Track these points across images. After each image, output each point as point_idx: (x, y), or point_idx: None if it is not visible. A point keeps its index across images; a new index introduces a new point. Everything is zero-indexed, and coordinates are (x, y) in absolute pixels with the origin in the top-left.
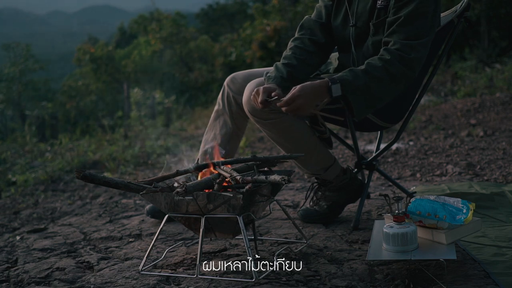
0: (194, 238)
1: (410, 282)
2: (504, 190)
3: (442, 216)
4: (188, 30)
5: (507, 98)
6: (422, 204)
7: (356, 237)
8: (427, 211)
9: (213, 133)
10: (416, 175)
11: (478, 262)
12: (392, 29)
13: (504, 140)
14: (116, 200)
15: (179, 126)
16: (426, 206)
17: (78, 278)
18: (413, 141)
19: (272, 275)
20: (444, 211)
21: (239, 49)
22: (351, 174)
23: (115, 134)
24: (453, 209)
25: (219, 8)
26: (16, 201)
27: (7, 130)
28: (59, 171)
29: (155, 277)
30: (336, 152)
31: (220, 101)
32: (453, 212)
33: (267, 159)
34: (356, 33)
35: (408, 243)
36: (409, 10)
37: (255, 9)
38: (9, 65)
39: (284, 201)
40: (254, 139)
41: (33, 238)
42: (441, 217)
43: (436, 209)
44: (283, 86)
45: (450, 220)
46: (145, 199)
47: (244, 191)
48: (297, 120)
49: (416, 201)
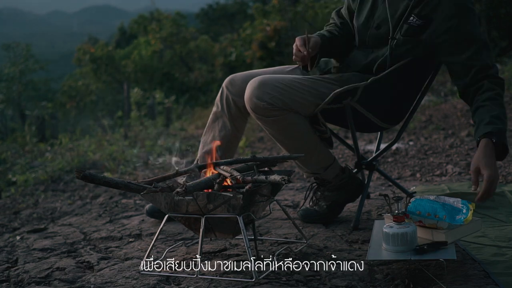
0: (194, 238)
1: (410, 282)
2: (504, 190)
3: (442, 216)
4: (188, 30)
5: (507, 98)
6: (422, 204)
7: (356, 237)
8: (427, 211)
9: (212, 134)
10: (416, 175)
11: (478, 262)
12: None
13: None
14: (116, 200)
15: (179, 126)
16: (426, 206)
17: (78, 278)
18: (413, 141)
19: (272, 275)
20: (444, 211)
21: (239, 49)
22: (350, 173)
23: (115, 134)
24: (453, 209)
25: (219, 8)
26: (16, 201)
27: (7, 130)
28: (59, 171)
29: (155, 277)
30: (336, 152)
31: (219, 103)
32: (453, 212)
33: (266, 159)
34: (378, 37)
35: (408, 243)
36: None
37: (255, 9)
38: (9, 65)
39: (284, 201)
40: (254, 139)
41: (33, 238)
42: (441, 217)
43: (436, 209)
44: (323, 42)
45: (450, 220)
46: (145, 199)
47: (244, 191)
48: (298, 118)
49: (416, 201)
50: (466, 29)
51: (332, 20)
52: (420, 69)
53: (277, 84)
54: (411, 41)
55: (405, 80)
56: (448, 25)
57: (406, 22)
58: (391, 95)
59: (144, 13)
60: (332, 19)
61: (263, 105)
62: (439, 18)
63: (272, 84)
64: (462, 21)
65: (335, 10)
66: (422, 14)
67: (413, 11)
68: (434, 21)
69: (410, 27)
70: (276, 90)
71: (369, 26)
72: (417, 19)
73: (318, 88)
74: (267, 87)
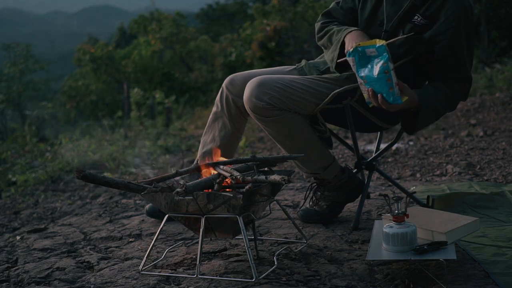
0: (194, 238)
1: (410, 282)
2: (504, 190)
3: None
4: (188, 30)
5: (507, 98)
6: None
7: (356, 237)
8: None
9: (212, 134)
10: (416, 175)
11: (478, 262)
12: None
13: (504, 140)
14: (116, 200)
15: (179, 126)
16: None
17: (78, 278)
18: (413, 141)
19: (272, 275)
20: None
21: (239, 49)
22: (350, 173)
23: (115, 134)
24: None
25: (219, 8)
26: (16, 201)
27: (7, 130)
28: (59, 171)
29: (155, 277)
30: (336, 152)
31: (219, 103)
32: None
33: (266, 159)
34: (385, 37)
35: (408, 243)
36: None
37: (255, 9)
38: (9, 65)
39: (284, 201)
40: (254, 139)
41: (33, 238)
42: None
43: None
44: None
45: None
46: (145, 199)
47: (244, 191)
48: (298, 118)
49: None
50: (463, 35)
51: (328, 19)
52: (420, 68)
53: (276, 84)
54: (412, 40)
55: (405, 80)
56: (448, 26)
57: (410, 21)
58: None
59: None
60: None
61: (262, 105)
62: (442, 18)
63: (271, 84)
64: (462, 24)
65: (324, 13)
66: (427, 13)
67: (417, 11)
68: (438, 20)
69: (414, 26)
70: (275, 90)
71: (372, 24)
72: (422, 19)
73: (317, 88)
74: (266, 87)
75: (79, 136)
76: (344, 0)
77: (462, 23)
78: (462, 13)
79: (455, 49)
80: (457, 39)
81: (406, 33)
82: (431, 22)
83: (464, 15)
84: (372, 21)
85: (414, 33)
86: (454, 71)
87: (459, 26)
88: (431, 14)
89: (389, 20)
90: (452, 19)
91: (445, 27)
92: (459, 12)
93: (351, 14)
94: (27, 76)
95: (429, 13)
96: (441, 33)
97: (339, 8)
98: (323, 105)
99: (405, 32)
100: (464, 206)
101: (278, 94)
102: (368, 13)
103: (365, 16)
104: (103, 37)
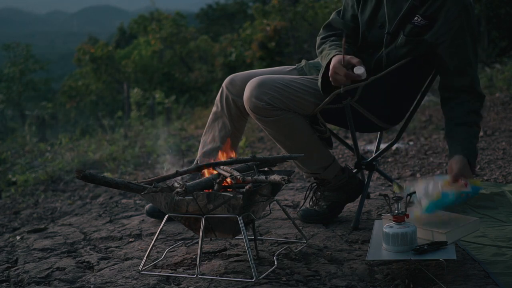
0: (194, 238)
1: (410, 282)
2: (504, 190)
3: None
4: (188, 30)
5: (507, 98)
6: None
7: (356, 237)
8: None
9: (212, 134)
10: (416, 175)
11: (478, 262)
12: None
13: (504, 140)
14: (116, 200)
15: (179, 126)
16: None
17: (78, 278)
18: (413, 141)
19: (272, 275)
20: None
21: (239, 49)
22: (349, 173)
23: (115, 134)
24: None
25: (219, 8)
26: (16, 201)
27: (7, 130)
28: (59, 171)
29: (155, 277)
30: (336, 152)
31: (219, 103)
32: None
33: (266, 159)
34: (381, 36)
35: (408, 243)
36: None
37: (255, 9)
38: (9, 65)
39: (284, 201)
40: (254, 139)
41: (33, 238)
42: None
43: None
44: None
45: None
46: (145, 199)
47: (244, 191)
48: (298, 118)
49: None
50: (466, 34)
51: (330, 33)
52: (420, 69)
53: (276, 84)
54: (414, 41)
55: (405, 80)
56: (450, 26)
57: (410, 22)
58: (391, 95)
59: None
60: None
61: (262, 105)
62: (443, 18)
63: (271, 84)
64: (464, 23)
65: (329, 22)
66: (427, 14)
67: (417, 11)
68: (438, 21)
69: (414, 27)
70: (275, 90)
71: (372, 26)
72: (422, 19)
73: (317, 88)
74: (266, 87)
75: (79, 136)
76: (344, 9)
77: (464, 21)
78: (463, 12)
79: (460, 49)
80: (461, 38)
81: (406, 34)
82: (431, 23)
83: (465, 13)
84: (373, 24)
85: (415, 34)
86: (465, 89)
87: (462, 25)
88: (431, 15)
89: (391, 22)
90: (453, 19)
91: (447, 28)
92: (459, 11)
93: (353, 22)
94: (27, 76)
95: (429, 13)
96: (444, 34)
97: (339, 18)
98: (323, 105)
99: (405, 33)
100: (464, 206)
101: (278, 94)
102: (368, 15)
103: (365, 19)
104: (103, 37)
